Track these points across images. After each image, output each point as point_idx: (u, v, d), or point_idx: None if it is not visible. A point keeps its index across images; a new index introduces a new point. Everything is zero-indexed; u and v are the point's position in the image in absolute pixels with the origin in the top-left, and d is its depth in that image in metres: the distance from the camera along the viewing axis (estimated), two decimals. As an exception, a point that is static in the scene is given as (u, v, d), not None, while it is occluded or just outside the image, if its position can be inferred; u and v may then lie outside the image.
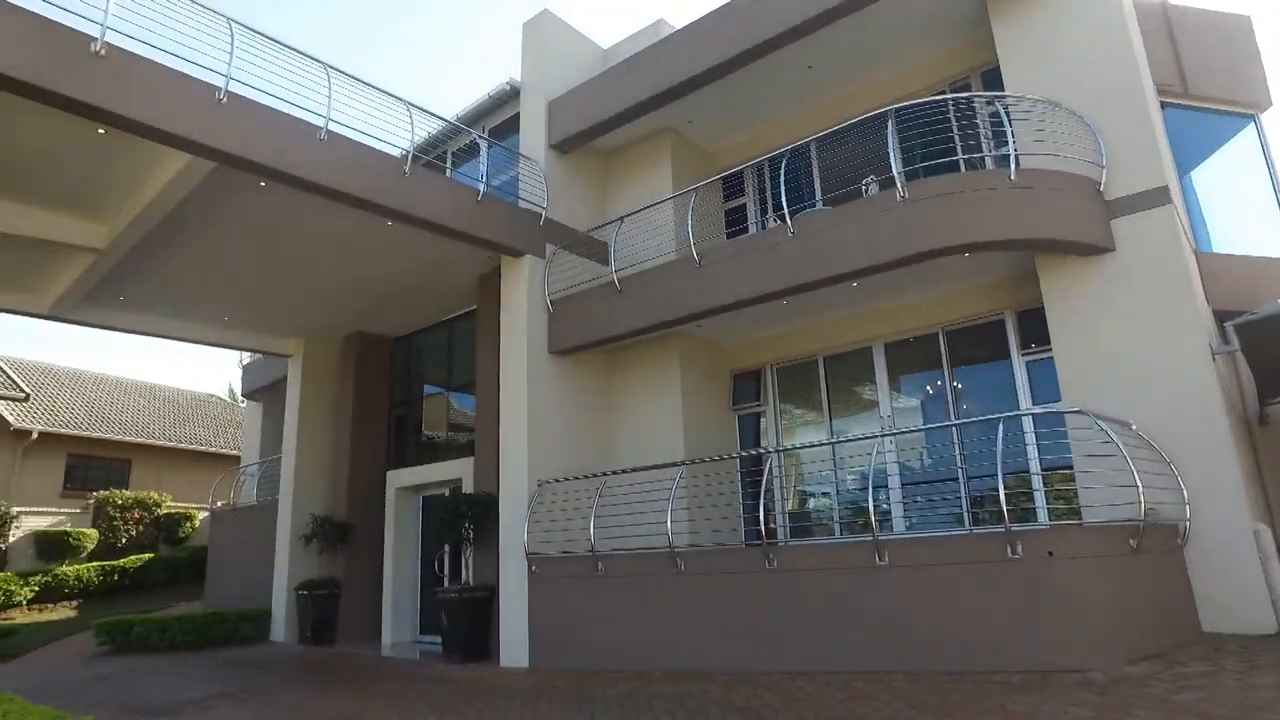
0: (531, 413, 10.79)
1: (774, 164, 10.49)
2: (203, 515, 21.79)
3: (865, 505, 8.02)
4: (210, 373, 64.91)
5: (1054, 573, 6.61)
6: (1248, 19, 10.94)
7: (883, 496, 9.58)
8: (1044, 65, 8.94)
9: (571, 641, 9.69)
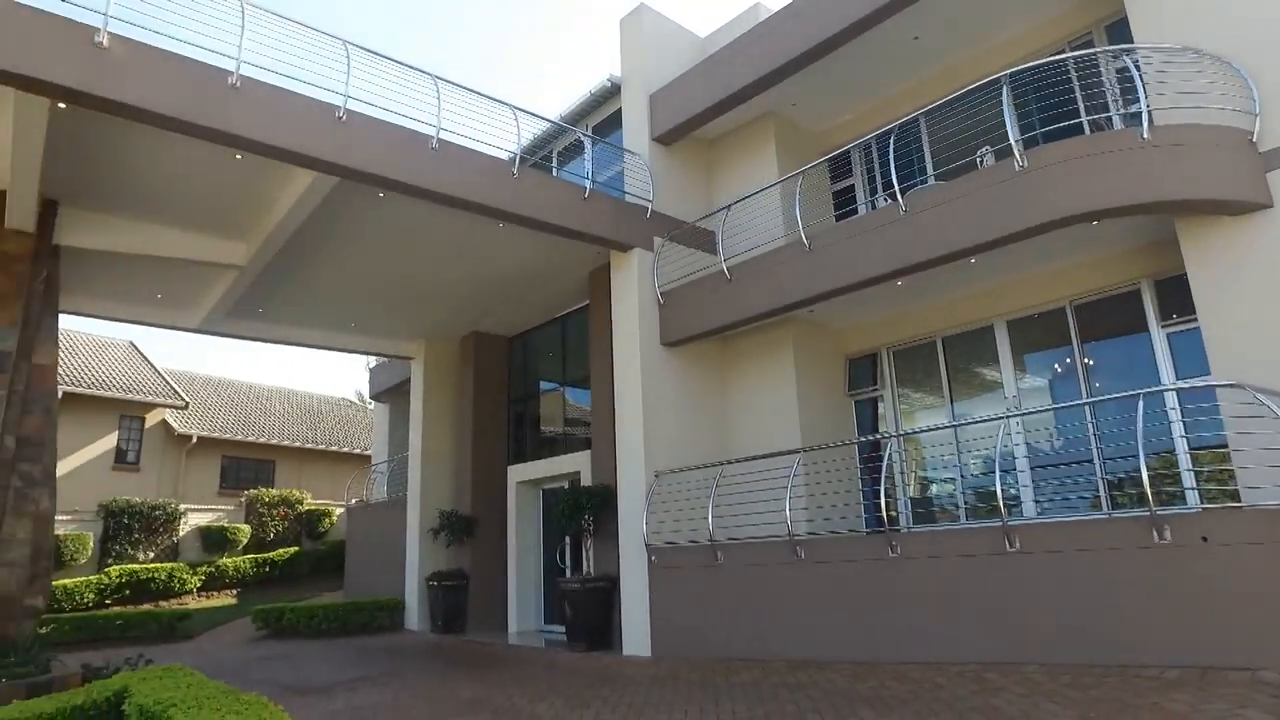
0: (646, 405, 10.91)
1: (881, 141, 10.18)
2: (339, 511, 23.31)
3: (992, 490, 7.68)
4: (338, 377, 68.66)
5: (1211, 559, 6.15)
6: None
7: (1010, 480, 9.15)
8: (1180, 10, 8.24)
9: (693, 630, 9.75)
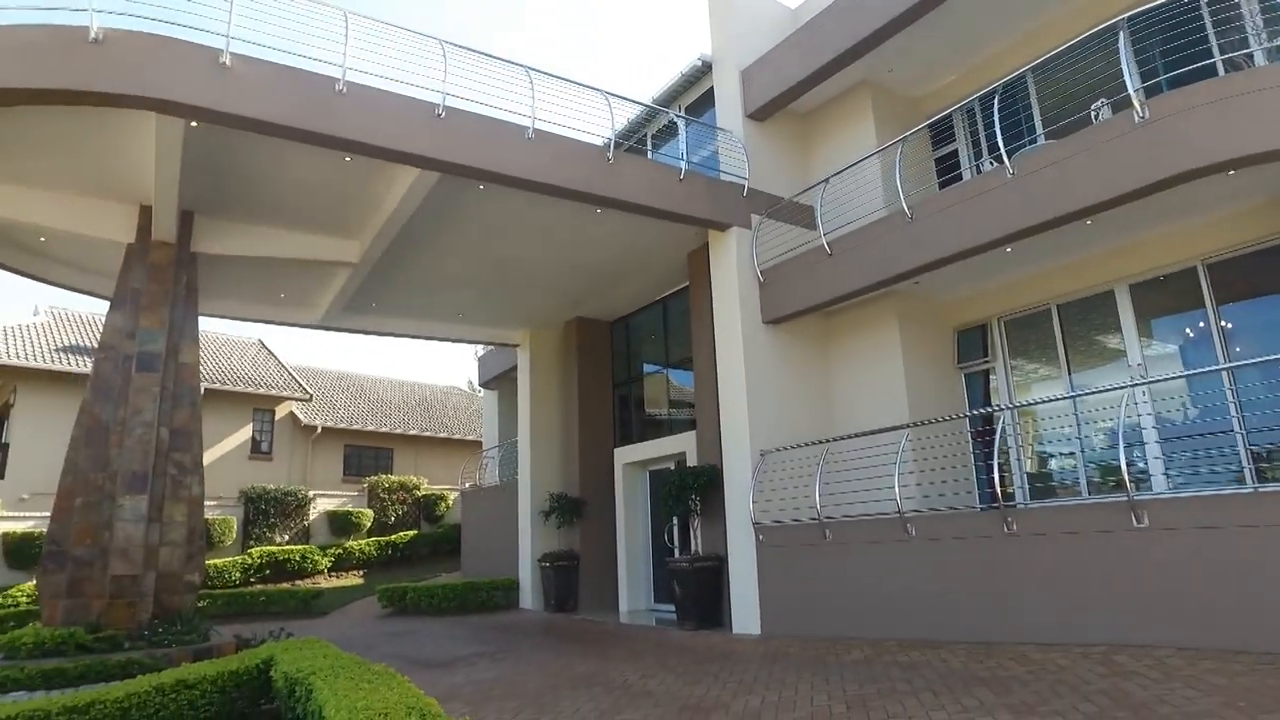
0: (750, 384, 10.86)
1: (985, 102, 9.71)
2: (454, 496, 24.28)
3: (1116, 464, 7.23)
4: (449, 366, 71.13)
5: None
6: None
7: (1137, 454, 8.61)
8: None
9: (802, 608, 9.70)
